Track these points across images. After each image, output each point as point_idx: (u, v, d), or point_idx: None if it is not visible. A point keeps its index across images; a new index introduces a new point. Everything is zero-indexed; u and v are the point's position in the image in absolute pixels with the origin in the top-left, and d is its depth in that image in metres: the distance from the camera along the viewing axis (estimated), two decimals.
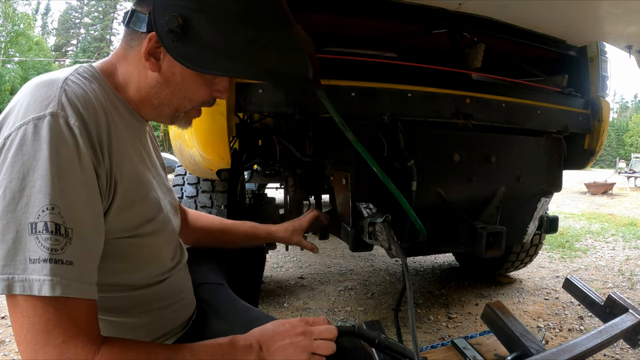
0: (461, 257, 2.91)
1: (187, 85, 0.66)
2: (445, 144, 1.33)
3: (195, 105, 0.70)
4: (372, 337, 0.71)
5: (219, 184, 1.88)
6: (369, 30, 1.58)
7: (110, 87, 0.65)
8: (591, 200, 8.43)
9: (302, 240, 1.13)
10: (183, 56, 0.60)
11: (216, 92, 0.71)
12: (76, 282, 0.50)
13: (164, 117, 0.71)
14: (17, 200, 0.49)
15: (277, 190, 4.33)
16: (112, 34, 42.77)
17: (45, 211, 0.49)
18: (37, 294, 0.48)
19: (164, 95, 0.67)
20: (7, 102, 6.32)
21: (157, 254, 0.71)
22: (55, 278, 0.48)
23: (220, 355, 0.58)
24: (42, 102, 0.53)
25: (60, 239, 0.49)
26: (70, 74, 0.59)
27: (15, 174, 0.49)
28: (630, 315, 1.10)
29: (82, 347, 0.49)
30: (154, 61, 0.63)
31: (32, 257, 0.48)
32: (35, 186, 0.49)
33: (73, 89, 0.56)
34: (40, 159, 0.50)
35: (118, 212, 0.60)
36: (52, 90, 0.55)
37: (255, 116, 1.64)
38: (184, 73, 0.65)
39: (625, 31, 1.46)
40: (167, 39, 0.59)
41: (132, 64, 0.66)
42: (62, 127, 0.52)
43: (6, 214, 0.49)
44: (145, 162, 0.71)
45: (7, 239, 0.48)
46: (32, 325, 0.48)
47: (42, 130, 0.51)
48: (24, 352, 0.48)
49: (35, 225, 0.48)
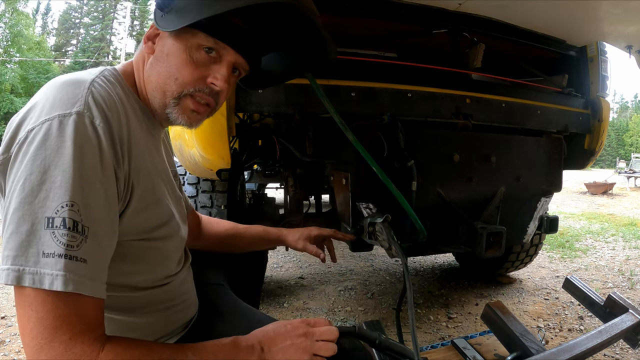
0: (461, 257, 2.91)
1: (171, 60, 0.64)
2: (445, 144, 1.33)
3: (184, 89, 0.65)
4: (372, 338, 0.71)
5: (219, 184, 1.88)
6: (369, 30, 1.58)
7: (130, 90, 0.67)
8: (591, 200, 8.43)
9: (308, 246, 1.05)
10: (165, 24, 0.63)
11: (211, 79, 0.65)
12: (88, 280, 0.51)
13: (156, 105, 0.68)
14: (36, 193, 0.49)
15: (277, 190, 4.33)
16: (112, 34, 42.75)
17: (64, 207, 0.49)
18: (48, 288, 0.47)
19: (154, 76, 0.66)
20: (8, 102, 6.32)
21: (165, 259, 0.72)
22: (68, 274, 0.48)
23: (222, 355, 0.58)
24: (68, 100, 0.53)
25: (77, 236, 0.50)
26: (97, 76, 0.60)
27: (37, 167, 0.49)
28: (630, 315, 1.10)
29: (88, 345, 0.49)
30: (150, 44, 0.66)
31: (46, 251, 0.48)
32: (56, 181, 0.49)
33: (99, 91, 0.57)
34: (64, 155, 0.50)
35: (133, 215, 0.60)
36: (79, 89, 0.55)
37: (255, 116, 1.64)
38: (169, 48, 0.65)
39: (625, 31, 1.46)
40: (158, 15, 0.64)
41: (139, 56, 0.70)
42: (87, 126, 0.52)
43: (23, 206, 0.49)
44: (158, 169, 0.71)
45: (22, 231, 0.48)
46: (40, 320, 0.48)
47: (68, 127, 0.51)
48: (29, 346, 0.48)
49: (52, 220, 0.48)
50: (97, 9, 43.39)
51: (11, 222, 0.49)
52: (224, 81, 0.66)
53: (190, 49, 0.64)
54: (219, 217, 1.80)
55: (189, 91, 0.65)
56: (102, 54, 38.97)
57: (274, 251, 3.29)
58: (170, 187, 0.77)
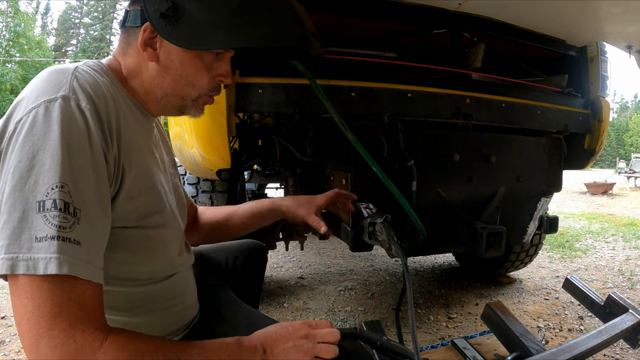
0: (461, 257, 2.91)
1: (186, 70, 0.66)
2: (445, 144, 1.33)
3: (201, 92, 0.69)
4: (374, 340, 0.71)
5: (219, 184, 1.88)
6: (369, 30, 1.58)
7: (117, 82, 0.66)
8: (591, 200, 8.43)
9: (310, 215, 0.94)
10: (178, 38, 0.61)
11: (219, 77, 0.70)
12: (83, 263, 0.49)
13: (171, 109, 0.71)
14: (26, 179, 0.48)
15: (277, 190, 4.33)
16: (112, 34, 42.74)
17: (54, 189, 0.48)
18: (43, 273, 0.46)
19: (166, 84, 0.67)
20: (8, 102, 6.36)
21: (163, 247, 0.71)
22: (62, 256, 0.47)
23: (226, 354, 0.57)
24: (54, 87, 0.53)
25: (68, 217, 0.49)
26: (80, 64, 0.60)
27: (25, 153, 0.49)
28: (630, 315, 1.10)
29: (90, 333, 0.48)
30: (151, 51, 0.64)
31: (39, 236, 0.47)
32: (44, 164, 0.49)
33: (84, 76, 0.57)
34: (51, 138, 0.50)
35: (125, 200, 0.60)
36: (63, 76, 0.55)
37: (255, 116, 1.64)
38: (181, 57, 0.65)
39: (625, 31, 1.46)
40: (160, 24, 0.60)
41: (132, 59, 0.67)
42: (73, 108, 0.52)
43: (14, 193, 0.48)
44: (152, 156, 0.71)
45: (13, 218, 0.47)
46: (37, 308, 0.46)
47: (54, 111, 0.51)
48: (27, 336, 0.46)
49: (43, 204, 0.48)
50: (97, 9, 43.40)
51: (4, 212, 0.48)
52: (229, 76, 0.71)
53: (202, 55, 0.66)
54: None
55: (205, 92, 0.70)
56: (102, 54, 38.95)
57: (274, 251, 3.28)
58: (166, 175, 0.76)
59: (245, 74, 1.20)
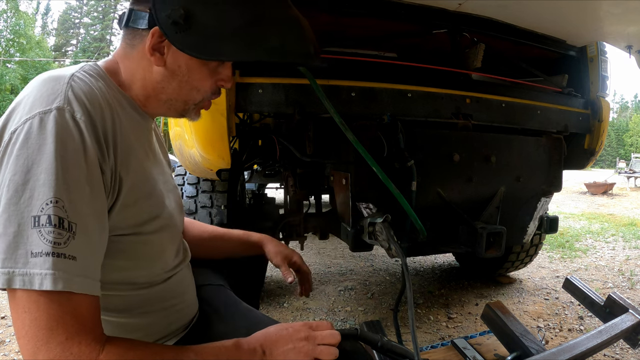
0: (461, 257, 2.91)
1: (193, 75, 0.67)
2: (445, 144, 1.33)
3: (205, 96, 0.71)
4: (374, 341, 0.71)
5: (219, 184, 1.88)
6: (369, 30, 1.58)
7: (115, 85, 0.65)
8: (591, 200, 8.43)
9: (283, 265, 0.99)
10: (189, 46, 0.61)
11: (220, 82, 0.71)
12: (79, 277, 0.50)
13: (173, 112, 0.72)
14: (21, 193, 0.48)
15: (277, 190, 4.33)
16: (112, 34, 42.75)
17: (49, 204, 0.48)
18: (38, 289, 0.47)
19: (171, 89, 0.67)
20: (8, 102, 6.35)
21: (160, 252, 0.71)
22: (57, 272, 0.47)
23: (225, 357, 0.57)
24: (48, 97, 0.53)
25: (63, 232, 0.49)
26: (76, 71, 0.59)
27: (20, 167, 0.49)
28: (630, 315, 1.10)
29: (86, 345, 0.48)
30: (158, 56, 0.64)
31: (34, 251, 0.47)
32: (39, 179, 0.49)
33: (79, 85, 0.57)
34: (46, 152, 0.49)
35: (122, 209, 0.60)
36: (58, 85, 0.55)
37: (255, 116, 1.64)
38: (189, 64, 0.65)
39: (625, 31, 1.46)
40: (171, 31, 0.60)
41: (135, 62, 0.66)
42: (68, 121, 0.52)
43: (9, 207, 0.48)
44: (150, 158, 0.71)
45: (9, 233, 0.48)
46: (34, 321, 0.47)
47: (48, 124, 0.51)
48: (25, 349, 0.47)
49: (38, 219, 0.48)
50: (97, 9, 43.41)
51: None
52: (230, 80, 0.72)
53: (208, 62, 0.67)
54: (220, 217, 1.80)
55: (208, 97, 0.71)
56: (102, 54, 38.94)
57: None
58: (164, 176, 0.76)
59: (245, 74, 1.20)
